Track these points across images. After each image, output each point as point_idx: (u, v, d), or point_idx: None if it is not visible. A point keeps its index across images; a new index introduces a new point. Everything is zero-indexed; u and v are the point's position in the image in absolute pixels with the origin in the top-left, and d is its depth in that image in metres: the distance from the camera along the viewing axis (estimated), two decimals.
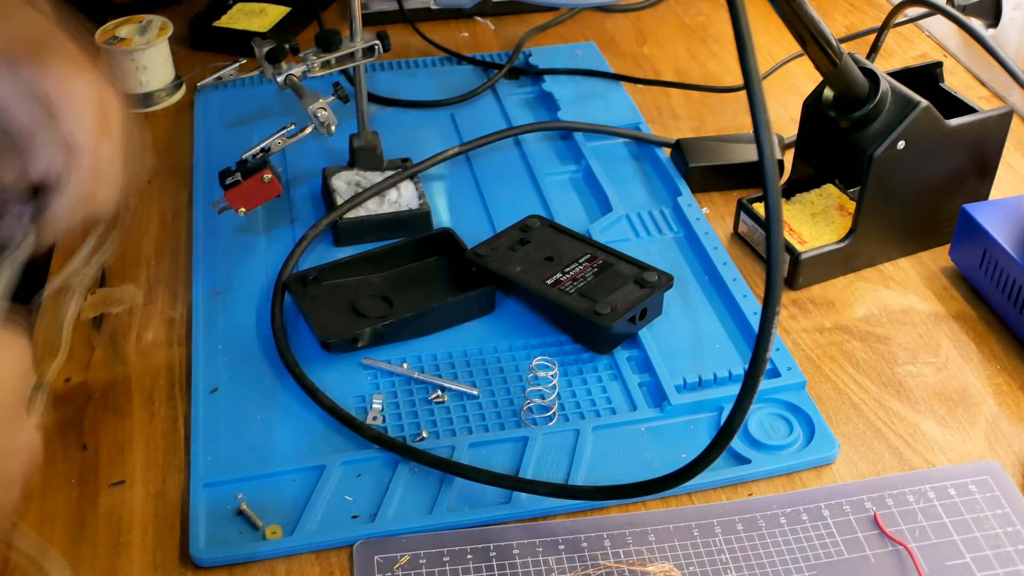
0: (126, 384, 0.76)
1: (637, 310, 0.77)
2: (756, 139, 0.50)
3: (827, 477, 0.69)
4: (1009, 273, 0.79)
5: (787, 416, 0.72)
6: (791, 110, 1.03)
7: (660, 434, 0.72)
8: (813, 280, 0.85)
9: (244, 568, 0.63)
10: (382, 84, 1.12)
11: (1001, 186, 0.95)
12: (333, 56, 0.86)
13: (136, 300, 0.84)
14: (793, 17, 0.73)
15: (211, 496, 0.67)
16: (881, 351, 0.79)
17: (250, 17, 1.21)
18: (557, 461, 0.70)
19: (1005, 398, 0.75)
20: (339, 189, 0.91)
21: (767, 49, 1.19)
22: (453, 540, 0.64)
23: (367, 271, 0.85)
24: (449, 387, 0.75)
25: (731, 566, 0.63)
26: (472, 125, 1.05)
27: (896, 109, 0.81)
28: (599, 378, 0.76)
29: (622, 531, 0.65)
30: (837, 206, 0.89)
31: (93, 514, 0.67)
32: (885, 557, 0.63)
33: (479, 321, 0.81)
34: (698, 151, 0.97)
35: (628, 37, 1.23)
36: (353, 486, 0.68)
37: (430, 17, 1.26)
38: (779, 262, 0.52)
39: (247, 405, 0.74)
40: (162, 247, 0.90)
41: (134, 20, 1.10)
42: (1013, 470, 0.69)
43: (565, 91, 1.08)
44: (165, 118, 1.09)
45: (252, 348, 0.78)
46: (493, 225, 0.91)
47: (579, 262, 0.81)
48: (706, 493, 0.68)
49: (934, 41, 1.21)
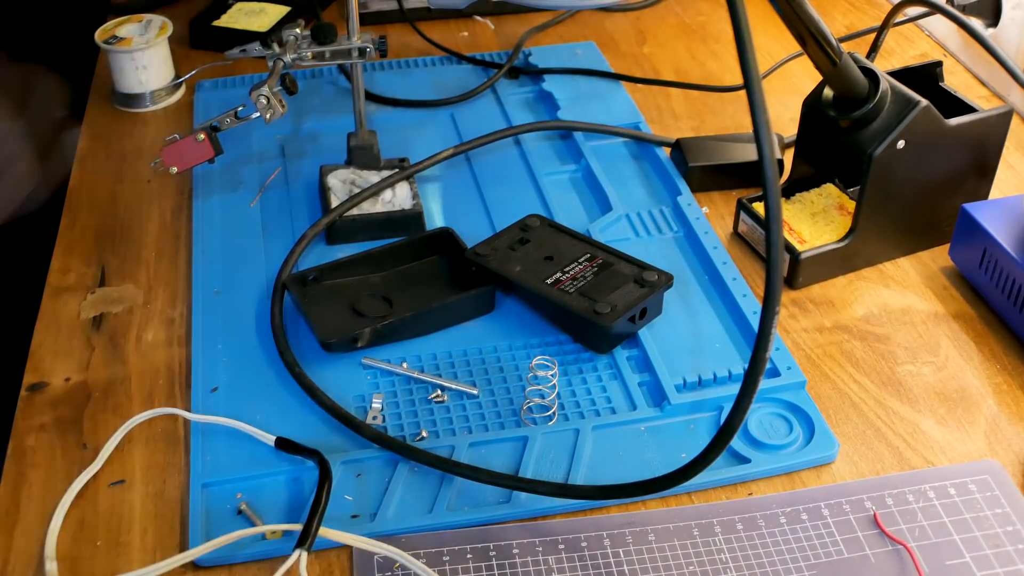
0: (126, 384, 0.76)
1: (637, 309, 0.77)
2: (756, 139, 0.50)
3: (827, 477, 0.69)
4: (1009, 273, 0.79)
5: (787, 415, 0.72)
6: (791, 110, 1.04)
7: (660, 434, 0.72)
8: (813, 280, 0.85)
9: (244, 568, 0.63)
10: (381, 83, 1.12)
11: (1001, 186, 0.95)
12: (328, 49, 0.86)
13: (136, 300, 0.84)
14: (793, 17, 0.73)
15: (211, 496, 0.67)
16: (881, 351, 0.79)
17: (250, 17, 1.21)
18: (557, 461, 0.70)
19: (1005, 398, 0.75)
20: (334, 187, 0.91)
21: (767, 49, 1.19)
22: (453, 540, 0.64)
23: (367, 271, 0.85)
24: (449, 387, 0.75)
25: (731, 566, 0.63)
26: (472, 125, 1.05)
27: (896, 109, 0.81)
28: (599, 378, 0.76)
29: (622, 531, 0.65)
30: (837, 206, 0.89)
31: (93, 514, 0.67)
32: (885, 557, 0.63)
33: (479, 321, 0.81)
34: (698, 150, 0.97)
35: (628, 37, 1.23)
36: (353, 486, 0.68)
37: (429, 16, 1.26)
38: (779, 262, 0.52)
39: (247, 405, 0.74)
40: (162, 247, 0.90)
41: (134, 20, 1.10)
42: (1013, 469, 0.69)
43: (565, 91, 1.08)
44: (165, 118, 1.09)
45: (252, 348, 0.79)
46: (493, 225, 0.91)
47: (579, 261, 0.81)
48: (706, 493, 0.68)
49: (934, 41, 1.21)
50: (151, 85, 1.09)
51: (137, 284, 0.86)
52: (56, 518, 0.66)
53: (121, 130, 1.07)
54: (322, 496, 0.64)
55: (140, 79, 1.08)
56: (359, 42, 0.87)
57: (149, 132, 1.06)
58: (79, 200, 0.96)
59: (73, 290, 0.85)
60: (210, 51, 1.19)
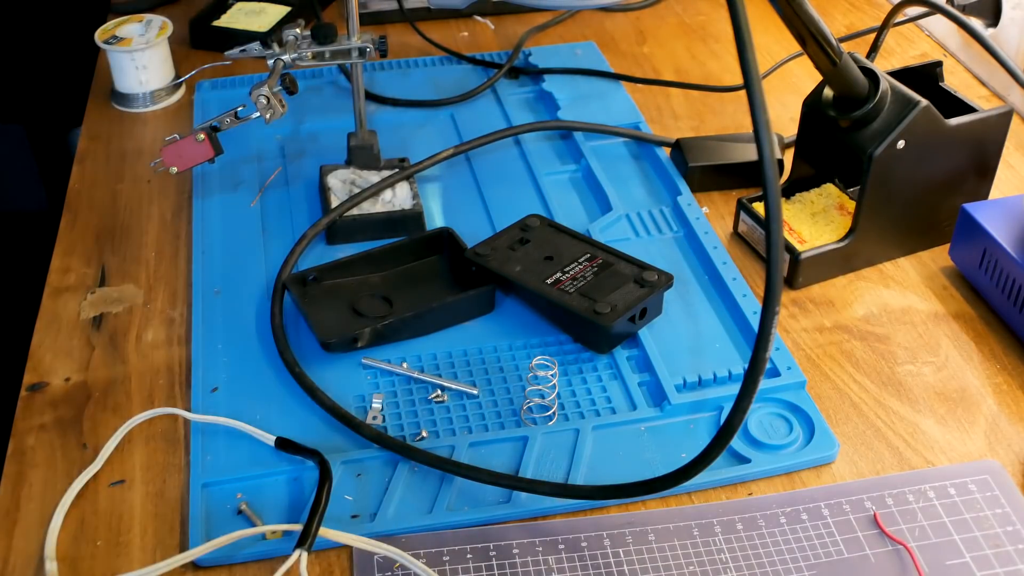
0: (126, 384, 0.76)
1: (637, 309, 0.77)
2: (756, 139, 0.50)
3: (827, 476, 0.69)
4: (1009, 273, 0.79)
5: (787, 415, 0.72)
6: (791, 110, 1.04)
7: (660, 434, 0.72)
8: (813, 280, 0.85)
9: (244, 568, 0.63)
10: (381, 83, 1.12)
11: (1001, 186, 0.95)
12: (328, 49, 0.86)
13: (136, 300, 0.84)
14: (793, 17, 0.73)
15: (211, 496, 0.67)
16: (881, 350, 0.79)
17: (250, 17, 1.21)
18: (557, 461, 0.70)
19: (1005, 398, 0.75)
20: (334, 187, 0.91)
21: (767, 49, 1.19)
22: (453, 540, 0.64)
23: (367, 271, 0.85)
24: (449, 387, 0.75)
25: (731, 566, 0.63)
26: (472, 125, 1.05)
27: (896, 108, 0.81)
28: (599, 378, 0.76)
29: (622, 530, 0.65)
30: (837, 205, 0.89)
31: (93, 514, 0.67)
32: (885, 556, 0.63)
33: (479, 321, 0.81)
34: (698, 150, 0.97)
35: (628, 37, 1.23)
36: (353, 486, 0.68)
37: (429, 16, 1.26)
38: (779, 262, 0.52)
39: (247, 405, 0.74)
40: (162, 247, 0.90)
41: (134, 20, 1.10)
42: (1013, 469, 0.69)
43: (565, 91, 1.08)
44: (165, 118, 1.09)
45: (252, 348, 0.79)
46: (493, 225, 0.91)
47: (579, 261, 0.81)
48: (706, 492, 0.68)
49: (934, 41, 1.21)
50: (151, 85, 1.09)
51: (137, 284, 0.86)
52: (56, 518, 0.66)
53: (121, 130, 1.07)
54: (322, 496, 0.64)
55: (140, 79, 1.08)
56: (359, 42, 0.87)
57: (149, 132, 1.06)
58: (79, 200, 0.96)
59: (73, 290, 0.85)
60: (210, 51, 1.19)
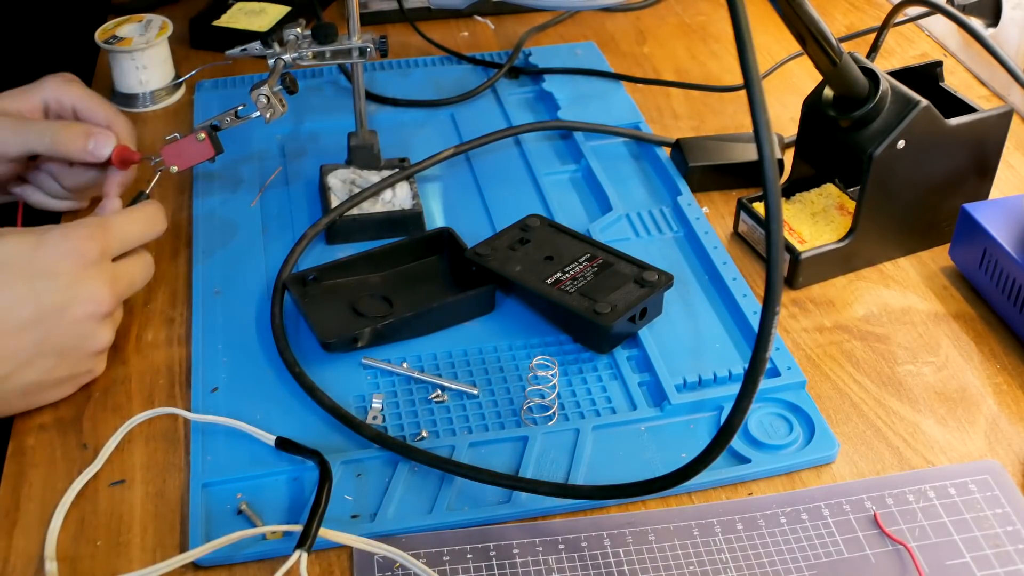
0: (126, 384, 0.76)
1: (637, 309, 0.77)
2: (756, 139, 0.50)
3: (827, 476, 0.69)
4: (1009, 273, 0.79)
5: (787, 415, 0.72)
6: (791, 110, 1.04)
7: (660, 434, 0.72)
8: (813, 279, 0.85)
9: (244, 568, 0.63)
10: (381, 83, 1.12)
11: (1001, 185, 0.95)
12: (328, 48, 0.86)
13: (136, 300, 0.84)
14: (793, 16, 0.73)
15: (211, 496, 0.67)
16: (881, 350, 0.79)
17: (250, 17, 1.21)
18: (557, 461, 0.70)
19: (1005, 398, 0.75)
20: (334, 187, 0.91)
21: (767, 49, 1.19)
22: (453, 540, 0.64)
23: (367, 271, 0.85)
24: (449, 387, 0.75)
25: (731, 565, 0.63)
26: (472, 125, 1.05)
27: (896, 108, 0.81)
28: (599, 378, 0.76)
29: (622, 531, 0.65)
30: (837, 205, 0.89)
31: (93, 514, 0.67)
32: (885, 557, 0.63)
33: (479, 321, 0.81)
34: (698, 150, 0.97)
35: (628, 37, 1.23)
36: (353, 486, 0.68)
37: (430, 16, 1.26)
38: (779, 261, 0.52)
39: (247, 405, 0.74)
40: (162, 247, 0.90)
41: (134, 20, 1.10)
42: (1013, 469, 0.69)
43: (565, 91, 1.08)
44: (165, 117, 1.09)
45: (252, 348, 0.79)
46: (493, 225, 0.91)
47: (579, 261, 0.81)
48: (706, 492, 0.68)
49: (934, 40, 1.21)
50: (151, 85, 1.09)
51: None
52: (56, 518, 0.66)
53: None
54: (322, 496, 0.64)
55: (140, 79, 1.08)
56: (359, 42, 0.87)
57: (149, 132, 1.06)
58: None
59: None
60: (210, 51, 1.19)
